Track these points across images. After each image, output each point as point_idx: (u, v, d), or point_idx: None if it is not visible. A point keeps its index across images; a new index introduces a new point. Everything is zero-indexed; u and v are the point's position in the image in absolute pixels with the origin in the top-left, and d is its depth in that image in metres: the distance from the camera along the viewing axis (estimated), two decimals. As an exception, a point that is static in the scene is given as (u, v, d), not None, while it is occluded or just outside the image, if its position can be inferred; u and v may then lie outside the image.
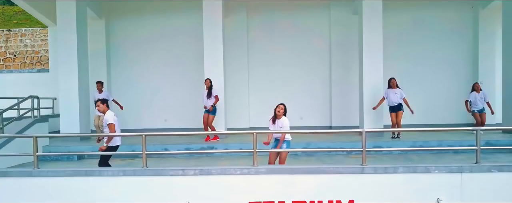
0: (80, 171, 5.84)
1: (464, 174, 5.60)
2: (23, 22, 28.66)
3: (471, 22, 11.31)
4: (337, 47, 11.26)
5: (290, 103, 9.94)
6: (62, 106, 9.81)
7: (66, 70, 9.73)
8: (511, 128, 6.20)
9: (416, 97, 10.81)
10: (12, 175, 5.87)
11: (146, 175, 5.72)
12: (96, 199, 5.66)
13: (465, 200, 5.54)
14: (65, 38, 9.75)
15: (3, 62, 15.54)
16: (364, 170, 5.64)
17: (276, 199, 5.62)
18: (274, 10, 11.37)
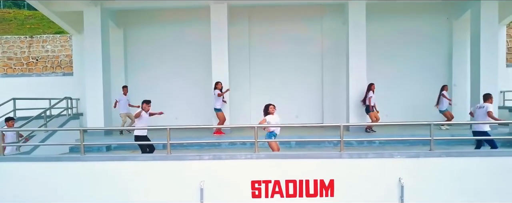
0: (117, 157, 7.40)
1: (420, 159, 7.12)
2: (35, 27, 30.29)
3: (447, 32, 12.82)
4: (328, 53, 12.76)
5: (287, 102, 11.56)
6: (89, 105, 11.36)
7: (92, 74, 11.28)
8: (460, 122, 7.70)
9: (398, 98, 12.36)
10: (64, 160, 7.42)
11: (170, 160, 7.24)
12: (131, 179, 7.20)
13: (421, 179, 7.06)
14: (92, 45, 11.30)
15: (26, 66, 17.09)
16: (342, 156, 7.17)
17: (273, 178, 7.14)
18: (273, 19, 12.85)
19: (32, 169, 7.35)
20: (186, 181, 7.19)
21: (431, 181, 7.13)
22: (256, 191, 7.16)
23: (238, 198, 7.19)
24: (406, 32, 12.71)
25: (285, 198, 7.15)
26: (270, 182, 7.16)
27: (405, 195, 7.03)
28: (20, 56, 17.22)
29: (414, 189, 7.03)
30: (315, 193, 7.13)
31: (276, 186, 7.14)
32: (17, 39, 17.66)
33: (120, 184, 7.22)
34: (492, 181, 7.02)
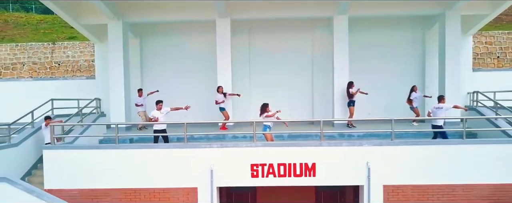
0: (145, 145, 9.42)
1: (383, 147, 9.12)
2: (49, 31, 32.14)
3: (420, 41, 14.75)
4: (318, 60, 14.67)
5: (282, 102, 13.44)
6: (112, 104, 13.35)
7: (115, 78, 13.28)
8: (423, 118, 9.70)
9: (378, 98, 14.28)
10: (103, 148, 9.44)
11: (187, 148, 9.24)
12: (155, 162, 9.19)
13: (383, 162, 9.04)
14: (115, 53, 13.29)
15: (49, 70, 19.09)
16: (322, 144, 9.17)
17: (267, 162, 9.13)
18: (270, 30, 14.72)
19: (77, 155, 9.36)
20: (199, 164, 9.18)
21: (391, 164, 9.14)
22: (255, 172, 9.17)
23: (240, 177, 9.20)
24: (385, 41, 14.60)
25: (277, 177, 9.16)
26: (266, 165, 9.16)
27: (371, 175, 9.04)
28: (43, 61, 19.22)
29: (378, 170, 9.04)
30: (301, 173, 9.13)
31: (270, 168, 9.14)
32: (41, 46, 19.66)
33: (147, 166, 9.22)
34: (438, 164, 9.03)
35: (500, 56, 18.62)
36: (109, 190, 9.30)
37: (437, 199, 9.12)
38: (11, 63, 19.22)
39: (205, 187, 9.19)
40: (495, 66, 18.46)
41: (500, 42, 18.70)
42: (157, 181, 9.26)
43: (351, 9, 12.85)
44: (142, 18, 13.61)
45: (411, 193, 9.13)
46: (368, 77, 14.28)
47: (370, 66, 14.57)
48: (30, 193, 8.17)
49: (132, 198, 9.35)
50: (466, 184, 9.06)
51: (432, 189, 9.12)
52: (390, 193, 9.16)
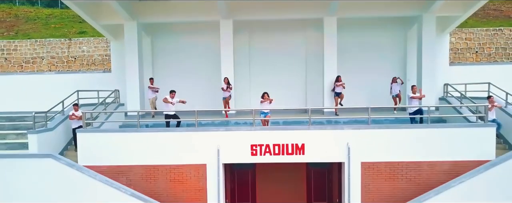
0: (162, 129, 11.25)
1: (361, 130, 10.94)
2: (59, 26, 33.74)
3: (402, 39, 16.51)
4: (310, 56, 16.39)
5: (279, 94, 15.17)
6: (129, 95, 15.15)
7: (131, 72, 15.07)
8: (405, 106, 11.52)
9: (364, 90, 16.05)
10: (125, 131, 11.27)
11: (198, 131, 11.07)
12: (171, 143, 11.01)
13: (361, 143, 10.86)
14: (130, 50, 15.06)
15: (66, 64, 20.83)
16: (309, 128, 11.00)
17: (264, 142, 10.95)
18: (268, 30, 16.42)
19: (106, 137, 11.19)
20: (208, 144, 11.01)
21: (368, 144, 10.95)
22: (254, 151, 11.00)
23: (242, 155, 11.04)
24: (370, 39, 16.34)
25: (272, 156, 11.00)
26: (263, 145, 10.99)
27: (351, 154, 10.88)
28: (61, 55, 20.98)
29: (357, 149, 10.87)
30: (292, 152, 10.97)
31: (266, 148, 10.98)
32: (58, 41, 21.39)
33: (163, 146, 11.05)
34: (407, 144, 10.85)
35: (478, 51, 20.35)
36: (132, 166, 11.15)
37: (406, 173, 10.96)
38: (31, 58, 20.97)
39: (213, 163, 11.05)
40: (473, 60, 20.21)
41: (478, 38, 20.42)
42: (172, 158, 11.09)
43: (339, 11, 14.58)
44: (154, 19, 15.33)
45: (384, 169, 10.98)
46: (355, 71, 16.04)
47: (357, 62, 16.31)
48: (71, 167, 10.05)
49: (151, 173, 11.20)
50: (430, 161, 10.88)
51: (401, 165, 10.95)
52: (366, 169, 11.01)
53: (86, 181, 10.08)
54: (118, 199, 10.06)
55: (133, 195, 10.13)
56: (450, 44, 20.15)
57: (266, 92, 12.12)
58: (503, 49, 20.28)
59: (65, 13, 40.37)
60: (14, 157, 10.49)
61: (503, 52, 20.25)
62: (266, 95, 12.03)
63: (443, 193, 9.89)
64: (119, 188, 10.12)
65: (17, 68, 20.86)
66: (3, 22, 35.46)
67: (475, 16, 31.27)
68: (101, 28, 16.09)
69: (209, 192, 11.18)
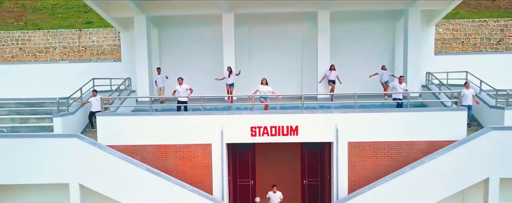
0: (173, 113, 12.69)
1: (348, 114, 12.37)
2: (66, 16, 34.86)
3: (391, 31, 17.80)
4: (306, 47, 17.70)
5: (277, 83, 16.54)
6: (139, 83, 16.54)
7: (141, 62, 16.44)
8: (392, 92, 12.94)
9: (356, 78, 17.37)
10: (139, 114, 12.71)
11: (204, 115, 12.51)
12: (181, 125, 12.45)
13: (348, 125, 12.29)
14: (140, 41, 16.39)
15: (77, 53, 22.18)
16: (303, 112, 12.43)
17: (262, 125, 12.38)
18: (267, 22, 17.69)
19: (122, 120, 12.63)
20: (213, 126, 12.45)
21: (354, 126, 12.38)
22: (253, 132, 12.44)
23: (243, 136, 12.50)
24: (361, 30, 17.62)
25: (270, 136, 12.44)
26: (261, 127, 12.42)
27: (339, 134, 12.33)
28: (72, 45, 22.32)
29: (344, 131, 12.31)
30: (287, 133, 12.41)
31: (264, 129, 12.41)
32: (69, 32, 22.70)
33: (173, 128, 12.48)
34: (389, 126, 12.29)
35: (464, 41, 21.66)
36: (145, 145, 12.60)
37: (388, 152, 12.42)
38: (45, 47, 22.29)
39: (217, 143, 12.51)
40: (460, 50, 21.54)
41: (464, 29, 21.71)
42: (181, 139, 12.54)
43: (332, 5, 15.86)
44: (162, 12, 16.61)
45: (369, 148, 12.44)
46: (347, 61, 17.40)
47: (349, 52, 17.63)
48: (94, 145, 11.52)
49: (162, 152, 12.66)
50: (409, 141, 12.33)
51: (384, 144, 12.40)
52: (353, 148, 12.47)
53: (107, 158, 11.57)
54: (135, 173, 11.55)
55: (148, 170, 11.63)
56: (438, 34, 21.57)
57: (264, 78, 13.55)
58: (488, 39, 21.58)
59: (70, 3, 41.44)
60: (43, 137, 11.96)
61: (488, 42, 21.56)
62: (264, 80, 13.45)
63: (417, 168, 11.39)
64: (136, 164, 11.62)
65: (31, 57, 22.20)
66: (11, 12, 36.57)
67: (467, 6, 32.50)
68: (112, 20, 17.34)
69: (214, 168, 12.67)
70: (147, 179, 11.59)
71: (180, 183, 11.74)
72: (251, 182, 15.47)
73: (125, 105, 14.74)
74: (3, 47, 22.36)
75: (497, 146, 11.26)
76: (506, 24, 21.69)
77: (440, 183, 11.38)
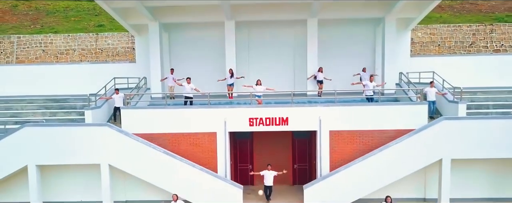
0: (184, 106, 15.30)
1: (329, 107, 14.97)
2: (78, 19, 37.28)
3: (372, 35, 20.31)
4: (297, 50, 20.18)
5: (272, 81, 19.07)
6: (152, 81, 19.11)
7: (155, 64, 18.97)
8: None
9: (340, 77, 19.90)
10: (156, 108, 15.33)
11: (210, 108, 15.12)
12: (190, 117, 15.04)
13: (329, 116, 14.87)
14: (153, 45, 18.93)
15: (94, 55, 24.69)
16: (292, 106, 15.03)
17: (259, 116, 14.97)
18: (264, 27, 20.18)
19: (141, 112, 15.23)
20: (217, 118, 15.04)
21: (334, 117, 14.97)
22: (251, 123, 15.04)
23: (242, 126, 15.09)
24: (346, 35, 20.06)
25: (265, 126, 15.04)
26: (258, 118, 15.01)
27: (322, 124, 14.92)
28: (90, 48, 24.84)
29: (326, 121, 14.90)
30: (279, 123, 15.01)
31: (260, 120, 15.01)
32: (87, 36, 25.23)
33: (184, 119, 15.08)
34: (363, 117, 14.87)
35: (440, 44, 24.20)
36: (161, 134, 15.19)
37: (362, 139, 15.00)
38: (65, 50, 24.82)
39: (221, 132, 15.10)
40: (436, 52, 24.07)
41: (441, 33, 24.23)
42: (190, 128, 15.13)
43: (320, 13, 18.39)
44: (172, 19, 19.13)
45: (346, 135, 15.02)
46: (332, 62, 19.80)
47: (335, 54, 20.01)
48: (121, 133, 14.14)
49: (175, 139, 15.24)
50: (379, 130, 14.90)
51: (359, 133, 14.98)
52: (333, 136, 15.06)
53: (132, 143, 14.20)
54: (154, 156, 14.18)
55: (166, 153, 14.26)
56: (417, 38, 24.17)
57: (259, 79, 16.14)
58: (461, 42, 24.14)
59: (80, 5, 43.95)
60: (80, 126, 14.62)
61: (461, 45, 24.11)
62: (259, 81, 16.04)
63: (384, 150, 14.02)
64: (155, 148, 14.25)
65: (53, 59, 24.75)
66: (26, 15, 39.03)
67: (451, 10, 35.04)
68: (128, 26, 19.90)
69: (218, 153, 15.28)
70: (165, 160, 14.23)
71: (191, 164, 14.38)
72: (250, 167, 18.07)
73: (142, 100, 17.33)
74: (28, 49, 24.92)
75: (449, 133, 13.87)
76: (477, 29, 24.21)
77: (403, 163, 14.01)
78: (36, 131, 14.42)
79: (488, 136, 13.78)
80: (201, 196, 14.29)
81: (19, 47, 24.90)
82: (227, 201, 14.28)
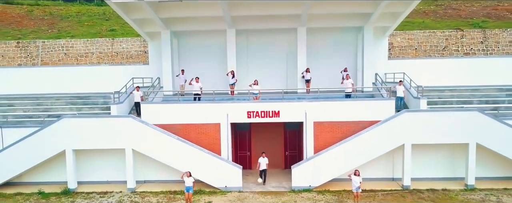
0: (193, 101, 18.49)
1: (313, 102, 18.12)
2: (91, 24, 40.48)
3: (354, 42, 23.45)
4: (290, 54, 23.32)
5: (267, 80, 22.26)
6: (165, 81, 22.27)
7: (166, 66, 22.14)
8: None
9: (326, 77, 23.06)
10: (169, 102, 18.51)
11: (215, 103, 18.28)
12: (198, 110, 18.20)
13: (314, 109, 18.01)
14: (165, 50, 22.09)
15: (111, 58, 27.80)
16: (282, 101, 18.20)
17: (255, 110, 18.12)
18: (260, 34, 23.37)
19: (157, 107, 18.40)
20: (221, 111, 18.20)
21: (317, 111, 18.11)
22: (249, 115, 18.19)
23: (241, 118, 18.25)
24: (331, 42, 23.17)
25: (260, 118, 18.19)
26: (254, 111, 18.17)
27: (307, 116, 18.08)
28: (106, 51, 28.00)
29: (311, 113, 18.05)
30: (272, 116, 18.17)
31: (256, 113, 18.16)
32: (104, 41, 28.38)
33: (193, 112, 18.24)
34: (341, 111, 18.02)
35: (417, 48, 27.35)
36: (173, 124, 18.30)
37: (340, 128, 18.10)
38: (84, 53, 27.96)
39: (224, 123, 18.24)
40: (413, 55, 27.21)
41: (417, 38, 27.36)
42: (198, 119, 18.26)
43: (308, 23, 21.56)
44: (181, 27, 22.30)
45: (328, 126, 18.14)
46: (319, 64, 23.03)
47: (321, 57, 23.22)
48: (141, 122, 17.30)
49: (186, 129, 18.36)
50: (355, 121, 17.97)
51: (338, 123, 18.09)
52: (317, 126, 18.18)
53: (152, 131, 17.35)
54: (170, 142, 17.33)
55: (179, 139, 17.42)
56: (396, 43, 27.33)
57: (256, 80, 19.31)
58: (435, 46, 27.28)
59: (90, 10, 47.19)
60: (109, 117, 17.82)
61: (435, 49, 27.25)
62: (256, 82, 19.21)
63: (357, 137, 17.17)
64: (170, 135, 17.42)
65: (74, 61, 27.91)
66: (43, 20, 42.18)
67: (434, 15, 38.20)
68: (143, 33, 23.06)
69: (222, 140, 18.41)
70: (178, 145, 17.38)
71: (200, 148, 17.54)
72: (248, 154, 21.23)
73: (157, 96, 20.50)
74: (51, 52, 28.07)
75: (410, 123, 17.02)
76: (450, 35, 27.33)
77: (372, 147, 17.16)
78: (72, 122, 17.58)
79: (441, 125, 16.92)
80: (208, 174, 17.43)
81: (43, 51, 28.06)
82: (229, 178, 17.42)
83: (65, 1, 51.25)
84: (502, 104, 20.43)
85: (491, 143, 16.96)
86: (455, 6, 42.14)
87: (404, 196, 16.35)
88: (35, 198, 16.98)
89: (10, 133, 18.68)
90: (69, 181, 17.80)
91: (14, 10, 44.90)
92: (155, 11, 19.83)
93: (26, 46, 28.12)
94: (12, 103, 22.72)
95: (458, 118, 16.98)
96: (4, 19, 41.43)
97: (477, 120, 16.90)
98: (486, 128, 16.89)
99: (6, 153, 17.73)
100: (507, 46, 26.77)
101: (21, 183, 18.63)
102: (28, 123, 20.05)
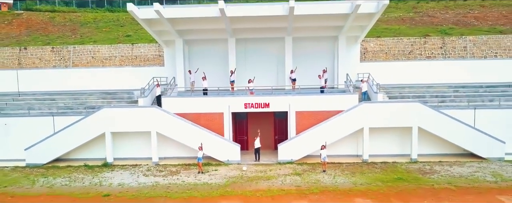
0: (203, 96, 23.90)
1: (295, 96, 23.50)
2: (108, 30, 45.58)
3: (332, 47, 28.76)
4: (280, 59, 28.64)
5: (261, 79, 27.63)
6: (178, 80, 27.64)
7: (179, 68, 27.52)
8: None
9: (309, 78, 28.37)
10: (183, 96, 23.93)
11: (219, 97, 23.69)
12: (207, 103, 23.58)
13: (296, 102, 23.37)
14: (179, 55, 27.47)
15: (130, 60, 33.11)
16: (272, 95, 23.59)
17: (251, 102, 23.51)
18: (257, 42, 28.70)
19: (175, 100, 23.80)
20: (224, 103, 23.60)
21: (299, 103, 23.49)
22: (246, 106, 23.60)
23: (240, 108, 23.66)
24: (312, 48, 28.42)
25: (254, 108, 23.61)
26: (250, 103, 23.57)
27: (290, 107, 23.47)
28: (127, 55, 33.32)
29: (294, 105, 23.44)
30: (263, 106, 23.60)
31: (251, 104, 23.56)
32: (125, 46, 33.73)
33: (203, 104, 23.62)
34: (318, 103, 23.42)
35: (387, 52, 32.69)
36: (187, 113, 23.66)
37: (316, 116, 23.44)
38: (109, 56, 33.29)
39: (227, 112, 23.63)
40: (384, 58, 32.53)
41: (387, 44, 32.70)
42: (206, 109, 23.63)
43: (293, 33, 26.94)
44: (191, 37, 27.65)
45: (307, 114, 23.50)
46: (303, 67, 28.31)
47: (304, 61, 28.55)
48: (164, 111, 22.72)
49: (197, 116, 23.72)
50: (326, 110, 23.33)
51: (314, 112, 23.44)
52: (299, 115, 23.55)
53: (173, 119, 22.75)
54: (185, 126, 22.73)
55: (192, 124, 22.84)
56: (370, 47, 32.67)
57: (250, 78, 24.77)
58: (402, 51, 32.63)
59: (105, 17, 52.48)
60: (138, 107, 23.19)
61: (402, 53, 32.60)
62: (251, 80, 24.63)
63: (327, 122, 22.56)
64: (186, 121, 22.82)
65: (100, 63, 33.23)
66: (65, 26, 47.32)
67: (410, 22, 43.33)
68: (160, 41, 28.44)
69: (225, 126, 23.79)
70: (192, 129, 22.79)
71: (208, 131, 22.96)
72: (245, 138, 26.62)
73: (173, 92, 25.90)
74: (81, 56, 33.43)
75: (367, 111, 22.41)
76: (414, 41, 32.69)
77: (338, 130, 22.54)
78: (110, 111, 22.97)
79: (391, 113, 22.32)
80: (215, 151, 22.81)
81: (74, 55, 33.41)
82: (230, 153, 22.82)
83: (78, 7, 56.39)
84: (448, 97, 25.84)
85: (429, 127, 22.36)
86: (431, 13, 47.23)
87: (362, 166, 21.74)
88: (82, 169, 22.37)
89: (59, 120, 24.08)
90: (108, 156, 23.20)
91: (38, 17, 50.09)
92: (172, 24, 25.19)
93: (59, 50, 33.45)
94: (53, 97, 28.16)
95: (404, 107, 22.38)
96: (31, 26, 46.64)
97: (418, 109, 22.31)
98: (425, 115, 22.28)
99: (59, 135, 23.13)
100: (462, 51, 32.11)
101: (69, 159, 24.02)
102: (70, 113, 25.47)
